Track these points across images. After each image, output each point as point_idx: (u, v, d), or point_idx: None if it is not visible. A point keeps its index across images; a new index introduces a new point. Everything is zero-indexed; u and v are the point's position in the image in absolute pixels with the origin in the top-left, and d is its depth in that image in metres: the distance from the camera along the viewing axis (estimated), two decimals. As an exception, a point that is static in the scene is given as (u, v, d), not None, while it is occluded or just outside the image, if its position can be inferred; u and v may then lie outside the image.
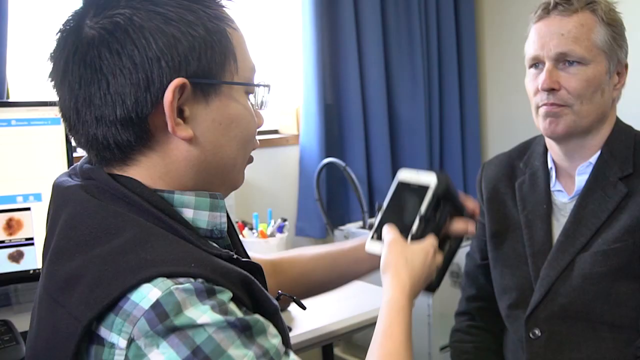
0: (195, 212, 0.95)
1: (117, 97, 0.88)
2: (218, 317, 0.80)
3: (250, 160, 1.06)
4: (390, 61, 3.32)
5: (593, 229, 1.46)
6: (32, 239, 1.77)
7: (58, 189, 0.98)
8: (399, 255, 1.18)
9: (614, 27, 1.45)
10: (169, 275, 0.80)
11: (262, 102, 1.05)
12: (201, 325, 0.78)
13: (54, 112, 1.76)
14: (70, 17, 0.93)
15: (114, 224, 0.86)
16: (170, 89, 0.88)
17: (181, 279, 0.81)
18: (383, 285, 1.17)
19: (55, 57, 0.93)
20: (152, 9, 0.89)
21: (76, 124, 0.93)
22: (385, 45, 3.30)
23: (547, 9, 1.47)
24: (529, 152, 1.69)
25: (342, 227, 3.01)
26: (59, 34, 0.93)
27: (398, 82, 3.35)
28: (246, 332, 0.82)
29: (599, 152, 1.51)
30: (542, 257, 1.53)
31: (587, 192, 1.50)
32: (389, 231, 1.23)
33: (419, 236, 1.24)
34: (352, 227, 2.99)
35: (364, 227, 2.98)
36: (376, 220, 1.31)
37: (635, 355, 1.42)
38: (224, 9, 0.97)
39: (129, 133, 0.90)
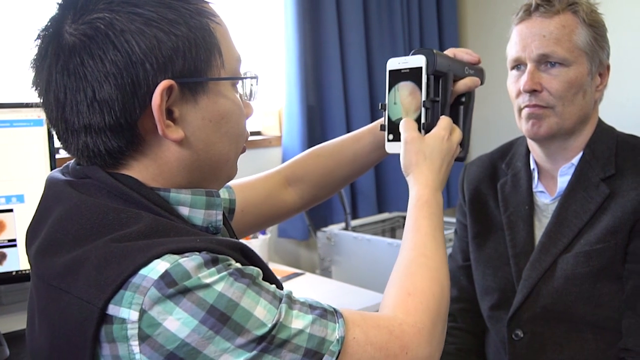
0: (190, 209, 0.95)
1: (105, 104, 0.86)
2: (223, 273, 0.81)
3: (243, 150, 1.05)
4: (373, 63, 3.33)
5: (575, 230, 1.47)
6: (14, 240, 1.76)
7: (51, 183, 0.97)
8: (417, 153, 1.20)
9: (596, 28, 1.46)
10: (176, 251, 0.81)
11: (251, 92, 1.04)
12: (209, 285, 0.79)
13: (37, 114, 1.75)
14: (49, 23, 0.91)
15: (116, 220, 0.85)
16: (158, 92, 0.86)
17: (187, 253, 0.81)
18: (409, 185, 1.20)
19: (37, 65, 0.92)
20: (132, 10, 0.87)
21: (65, 133, 0.92)
22: (368, 47, 3.30)
23: (528, 10, 1.48)
24: (511, 153, 1.69)
25: (324, 229, 3.00)
26: (38, 40, 0.91)
27: (381, 84, 3.35)
28: (251, 279, 0.84)
29: (581, 154, 1.51)
30: (524, 258, 1.53)
31: (570, 193, 1.50)
32: (405, 129, 1.23)
33: (430, 123, 1.24)
34: (335, 228, 2.98)
35: (346, 228, 2.97)
36: (385, 120, 1.30)
37: (617, 357, 1.42)
38: (204, 3, 0.95)
39: (119, 139, 0.89)
